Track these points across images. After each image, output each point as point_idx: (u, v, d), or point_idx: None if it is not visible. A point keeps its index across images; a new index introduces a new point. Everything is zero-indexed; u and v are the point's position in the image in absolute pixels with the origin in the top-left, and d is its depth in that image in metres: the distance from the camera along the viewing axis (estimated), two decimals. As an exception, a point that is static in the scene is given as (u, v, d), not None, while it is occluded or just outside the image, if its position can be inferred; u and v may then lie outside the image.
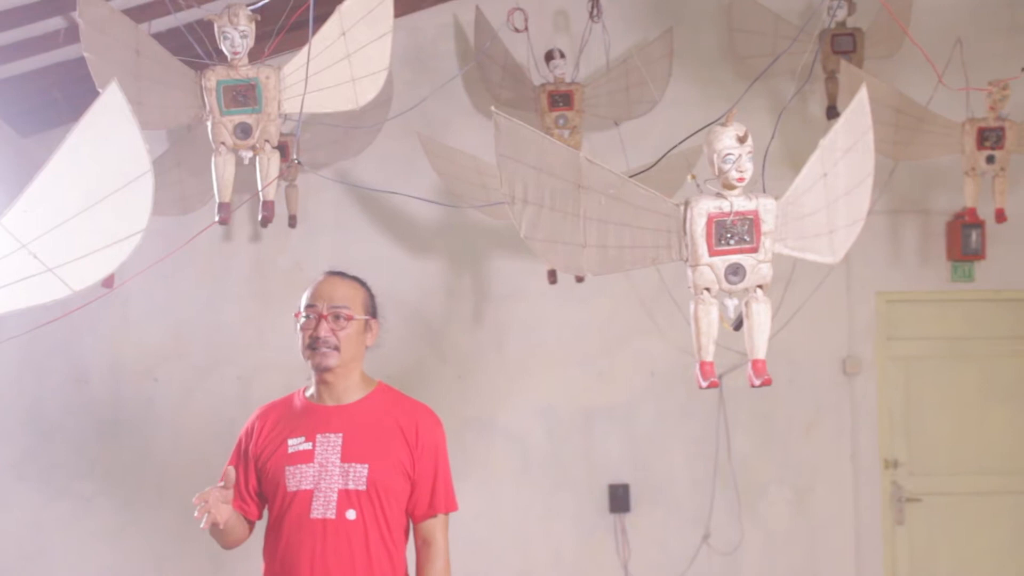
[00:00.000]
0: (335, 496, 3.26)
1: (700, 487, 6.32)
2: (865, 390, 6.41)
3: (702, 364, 3.15)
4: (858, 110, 3.29)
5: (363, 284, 3.50)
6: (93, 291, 2.94)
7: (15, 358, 5.92)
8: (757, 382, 3.15)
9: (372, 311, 3.47)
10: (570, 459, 6.32)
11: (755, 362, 3.16)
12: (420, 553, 3.45)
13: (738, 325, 3.18)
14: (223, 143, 3.92)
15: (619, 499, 6.28)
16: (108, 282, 3.83)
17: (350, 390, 3.41)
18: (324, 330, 3.33)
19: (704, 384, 3.15)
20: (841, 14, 5.96)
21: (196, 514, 3.18)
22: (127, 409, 6.18)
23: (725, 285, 3.11)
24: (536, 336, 6.33)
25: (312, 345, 3.36)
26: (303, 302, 3.41)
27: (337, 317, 3.35)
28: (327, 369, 3.36)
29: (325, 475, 3.28)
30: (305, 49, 3.86)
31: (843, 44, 5.96)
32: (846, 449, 6.39)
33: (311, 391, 3.46)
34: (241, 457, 3.46)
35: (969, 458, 6.47)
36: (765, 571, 6.33)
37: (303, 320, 3.39)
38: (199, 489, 3.34)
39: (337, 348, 3.34)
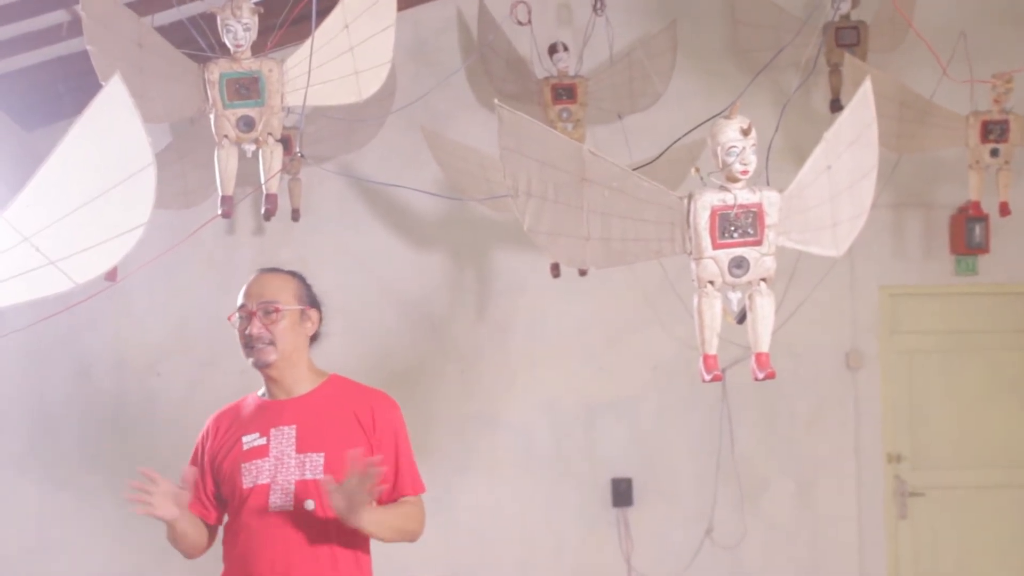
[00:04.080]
0: (292, 487, 3.21)
1: (703, 481, 6.32)
2: (868, 384, 6.41)
3: (705, 358, 3.15)
4: (862, 103, 3.28)
5: (296, 276, 3.45)
6: (96, 284, 2.94)
7: (18, 352, 5.91)
8: (760, 376, 3.15)
9: (308, 300, 3.41)
10: (573, 453, 6.32)
11: (758, 356, 3.16)
12: None
13: (741, 318, 3.18)
14: (226, 136, 3.92)
15: (622, 493, 6.28)
16: (111, 275, 3.83)
17: (299, 382, 3.37)
18: (256, 327, 3.30)
19: (707, 378, 3.15)
20: (845, 7, 5.95)
21: (128, 496, 3.17)
22: (130, 403, 6.18)
23: (729, 278, 3.11)
24: (539, 330, 6.33)
25: (248, 344, 3.34)
26: (236, 304, 3.38)
27: (267, 312, 3.31)
28: (267, 365, 3.33)
29: (281, 468, 3.23)
30: (308, 42, 3.86)
31: (847, 37, 5.94)
32: (849, 443, 6.39)
33: (262, 390, 3.43)
34: (198, 462, 3.43)
35: (973, 452, 6.47)
36: (768, 565, 6.33)
37: (237, 321, 3.36)
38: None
39: (272, 343, 3.30)
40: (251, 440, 3.30)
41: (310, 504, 3.21)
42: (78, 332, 6.07)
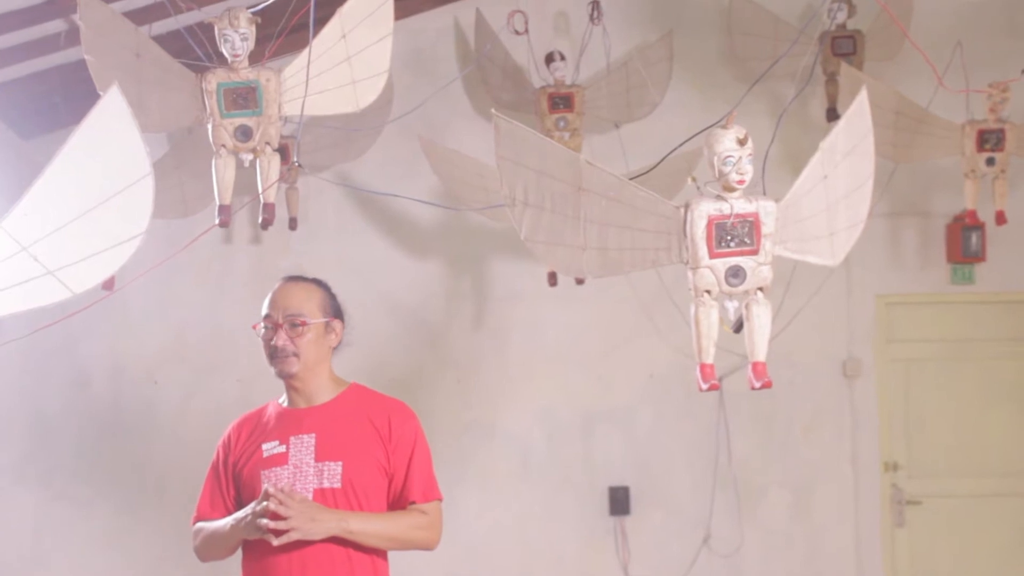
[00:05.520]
0: (311, 496, 3.22)
1: (700, 489, 6.32)
2: (865, 392, 6.41)
3: (702, 366, 3.15)
4: (858, 112, 3.29)
5: (321, 285, 3.46)
6: (93, 294, 2.94)
7: (15, 361, 5.91)
8: (757, 384, 3.15)
9: (333, 311, 3.43)
10: (570, 462, 6.32)
11: (755, 364, 3.16)
12: None
13: (738, 327, 3.18)
14: (223, 146, 3.92)
15: (619, 502, 6.28)
16: (108, 285, 3.82)
17: (320, 391, 3.39)
18: (281, 339, 3.31)
19: (704, 386, 3.15)
20: (841, 16, 5.96)
21: (272, 525, 3.14)
22: (127, 412, 6.18)
23: (725, 287, 3.11)
24: (536, 339, 6.33)
25: (272, 355, 3.35)
26: (262, 312, 3.39)
27: (294, 325, 3.32)
28: (290, 376, 3.35)
29: (300, 476, 3.25)
30: (306, 51, 3.86)
31: (843, 46, 5.96)
32: (846, 451, 6.39)
33: (283, 397, 3.45)
34: (219, 468, 3.44)
35: (969, 460, 6.47)
36: (765, 573, 6.32)
37: (262, 331, 3.37)
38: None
39: (297, 355, 3.32)
40: (271, 447, 3.32)
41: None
42: (75, 341, 6.07)
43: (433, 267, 6.34)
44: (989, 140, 5.35)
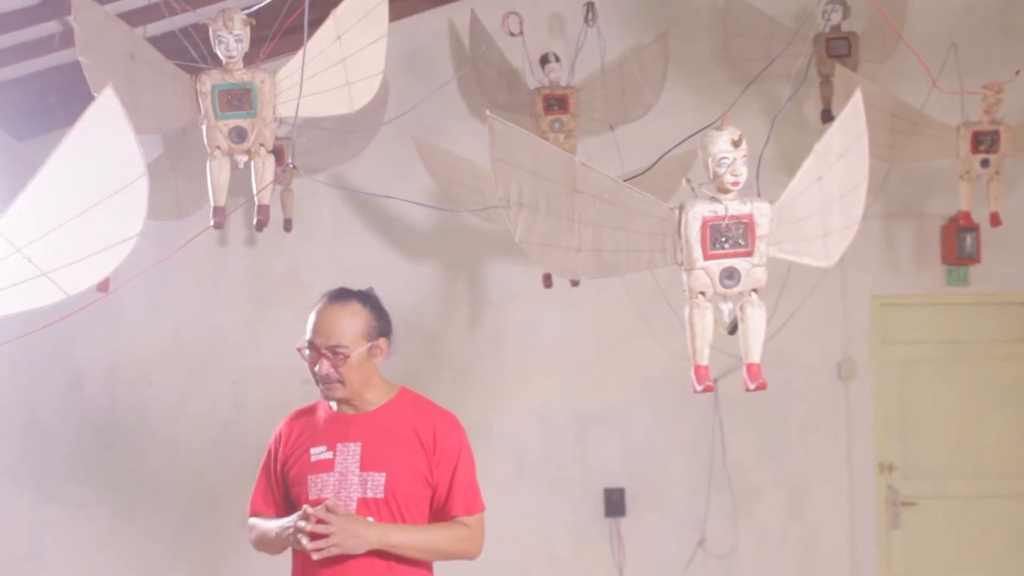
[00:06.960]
0: (354, 505, 3.26)
1: (695, 491, 6.32)
2: (860, 394, 6.41)
3: (697, 368, 3.15)
4: (853, 114, 3.29)
5: (366, 302, 3.42)
6: (88, 295, 2.93)
7: (10, 363, 5.90)
8: (752, 386, 3.15)
9: (378, 331, 3.41)
10: (565, 463, 6.32)
11: (750, 366, 3.16)
12: None
13: (733, 329, 3.18)
14: (218, 147, 3.91)
15: (615, 503, 6.28)
16: (103, 286, 3.82)
17: (368, 400, 3.42)
18: (324, 368, 3.32)
19: (699, 388, 3.15)
20: (836, 18, 5.97)
21: (311, 545, 3.19)
22: (122, 414, 6.17)
23: (720, 289, 3.11)
24: (531, 340, 6.33)
25: (316, 379, 3.38)
26: (306, 333, 3.37)
27: (335, 354, 3.32)
28: (335, 400, 3.40)
29: (345, 484, 3.29)
30: (300, 53, 3.86)
31: (838, 48, 5.97)
32: (841, 453, 6.39)
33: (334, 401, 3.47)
34: (270, 465, 3.50)
35: (964, 462, 6.48)
36: (760, 575, 6.32)
37: (306, 354, 3.38)
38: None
39: (341, 381, 3.34)
40: (318, 452, 3.36)
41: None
42: (70, 343, 6.06)
43: (428, 269, 6.34)
44: (984, 142, 5.35)
